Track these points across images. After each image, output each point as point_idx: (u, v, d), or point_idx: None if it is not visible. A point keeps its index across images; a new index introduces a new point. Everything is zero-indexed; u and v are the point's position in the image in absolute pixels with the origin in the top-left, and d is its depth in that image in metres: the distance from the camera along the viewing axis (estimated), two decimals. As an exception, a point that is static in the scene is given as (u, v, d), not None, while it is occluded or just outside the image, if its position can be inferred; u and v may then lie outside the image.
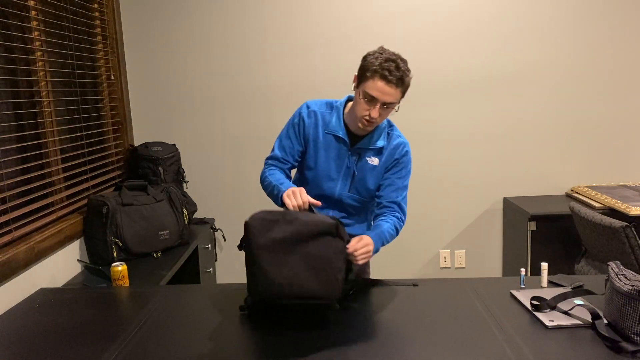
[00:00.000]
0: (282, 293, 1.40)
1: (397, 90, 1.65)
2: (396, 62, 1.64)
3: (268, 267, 1.40)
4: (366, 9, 3.18)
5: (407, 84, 1.68)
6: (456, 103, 3.28)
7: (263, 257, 1.40)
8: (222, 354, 1.38)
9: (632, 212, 2.71)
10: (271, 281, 1.39)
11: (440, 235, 3.44)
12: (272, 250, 1.41)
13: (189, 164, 3.34)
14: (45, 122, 2.39)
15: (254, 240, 1.42)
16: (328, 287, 1.42)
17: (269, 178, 1.79)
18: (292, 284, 1.39)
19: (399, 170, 1.83)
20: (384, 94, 1.64)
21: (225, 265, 3.48)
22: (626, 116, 3.27)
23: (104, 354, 1.41)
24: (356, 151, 1.81)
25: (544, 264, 1.72)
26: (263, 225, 1.43)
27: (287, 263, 1.40)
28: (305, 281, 1.40)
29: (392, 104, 1.68)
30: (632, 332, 1.32)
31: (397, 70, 1.63)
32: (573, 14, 3.17)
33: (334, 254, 1.44)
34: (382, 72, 1.63)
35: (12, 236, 2.04)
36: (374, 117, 1.67)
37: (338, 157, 1.82)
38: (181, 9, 3.20)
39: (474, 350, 1.35)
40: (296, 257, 1.41)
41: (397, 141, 1.84)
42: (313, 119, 1.83)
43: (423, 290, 1.75)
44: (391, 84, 1.63)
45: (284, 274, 1.39)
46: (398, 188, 1.83)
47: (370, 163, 1.82)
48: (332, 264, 1.43)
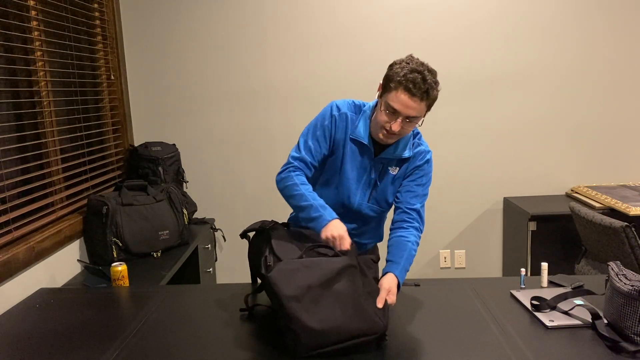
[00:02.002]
0: (328, 340, 1.30)
1: (422, 104, 1.54)
2: (423, 73, 1.53)
3: (304, 316, 1.30)
4: (367, 8, 3.18)
5: (433, 98, 1.56)
6: (456, 103, 3.28)
7: (295, 308, 1.30)
8: (222, 354, 1.38)
9: (632, 212, 2.70)
10: (313, 331, 1.29)
11: (440, 235, 3.44)
12: (302, 299, 1.32)
13: (189, 164, 3.34)
14: (45, 122, 2.39)
15: (280, 293, 1.32)
16: (371, 321, 1.34)
17: (301, 189, 1.62)
18: (337, 327, 1.30)
19: (419, 177, 1.73)
20: (407, 108, 1.54)
21: (225, 265, 3.48)
22: (626, 116, 3.27)
23: (104, 354, 1.41)
24: (380, 161, 1.71)
25: (544, 264, 1.72)
26: (285, 276, 1.35)
27: (322, 308, 1.32)
28: (348, 321, 1.32)
29: (415, 118, 1.57)
30: (632, 332, 1.32)
31: (424, 83, 1.52)
32: (573, 15, 3.17)
33: (363, 291, 1.38)
34: (406, 84, 1.52)
35: (12, 236, 2.04)
36: (395, 130, 1.57)
37: (361, 166, 1.72)
38: (181, 9, 3.20)
39: (474, 350, 1.35)
40: (330, 300, 1.33)
41: (419, 149, 1.74)
42: (344, 122, 1.70)
43: (423, 290, 1.75)
44: (415, 98, 1.52)
45: (324, 318, 1.31)
46: (417, 195, 1.72)
47: (392, 173, 1.74)
48: (365, 299, 1.37)
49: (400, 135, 1.62)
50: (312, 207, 1.57)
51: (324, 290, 1.34)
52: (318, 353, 1.32)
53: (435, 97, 1.57)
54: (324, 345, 1.31)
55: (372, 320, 1.34)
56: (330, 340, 1.31)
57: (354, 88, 3.25)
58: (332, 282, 1.36)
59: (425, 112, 1.59)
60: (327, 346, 1.31)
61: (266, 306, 1.65)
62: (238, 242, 3.44)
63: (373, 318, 1.34)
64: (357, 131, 1.69)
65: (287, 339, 1.35)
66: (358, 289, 1.38)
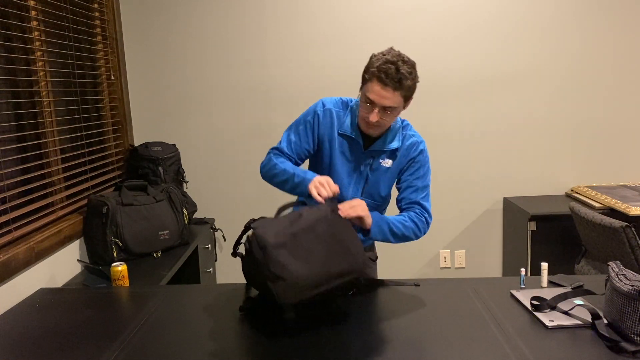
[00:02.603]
0: (317, 282, 1.34)
1: (396, 93, 1.57)
2: (396, 64, 1.55)
3: (292, 262, 1.32)
4: (367, 8, 3.18)
5: (407, 87, 1.59)
6: (456, 103, 3.28)
7: (283, 255, 1.34)
8: (222, 354, 1.38)
9: (632, 212, 2.70)
10: (301, 275, 1.32)
11: (440, 235, 3.44)
12: (288, 246, 1.36)
13: (189, 164, 3.34)
14: (45, 122, 2.39)
15: (267, 243, 1.35)
16: (353, 260, 1.40)
17: (281, 166, 1.68)
18: (323, 269, 1.35)
19: (416, 170, 1.74)
20: (382, 98, 1.58)
21: (225, 265, 3.48)
22: (626, 116, 3.27)
23: (104, 354, 1.41)
24: (370, 154, 1.74)
25: (544, 264, 1.72)
26: (268, 228, 1.39)
27: (307, 252, 1.36)
28: (333, 261, 1.37)
29: (392, 109, 1.60)
30: (632, 332, 1.32)
31: (396, 73, 1.55)
32: (573, 15, 3.17)
33: (344, 230, 1.44)
34: (379, 75, 1.56)
35: (12, 236, 2.04)
36: (373, 121, 1.61)
37: (352, 160, 1.75)
38: (181, 9, 3.20)
39: (474, 350, 1.35)
40: (314, 244, 1.38)
41: (411, 141, 1.75)
42: (329, 118, 1.75)
43: (423, 290, 1.75)
44: (388, 88, 1.56)
45: (310, 261, 1.35)
46: (417, 189, 1.73)
47: (384, 165, 1.75)
48: (349, 238, 1.42)
49: (382, 126, 1.65)
50: (295, 175, 1.63)
51: (307, 235, 1.39)
52: (307, 298, 1.35)
53: (410, 87, 1.60)
54: (312, 287, 1.34)
55: (354, 259, 1.40)
56: (318, 282, 1.34)
57: (355, 88, 3.24)
58: (315, 227, 1.40)
59: (403, 103, 1.62)
60: (315, 288, 1.34)
61: (265, 305, 1.65)
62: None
63: (356, 257, 1.41)
64: (344, 126, 1.73)
65: (277, 288, 1.34)
66: (339, 231, 1.42)
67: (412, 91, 1.62)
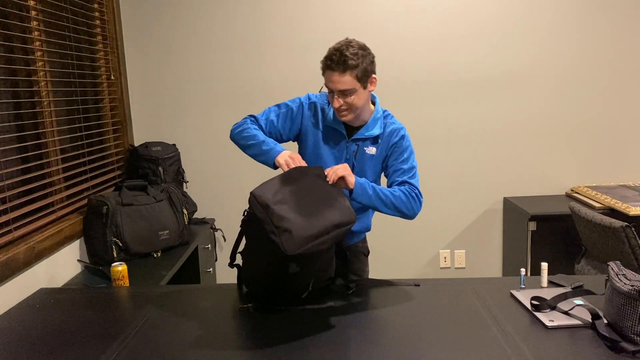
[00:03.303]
0: (316, 231, 1.42)
1: (345, 75, 1.64)
2: (340, 49, 1.65)
3: (293, 214, 1.42)
4: (367, 8, 3.18)
5: (354, 67, 1.64)
6: (456, 103, 3.28)
7: (284, 209, 1.43)
8: (222, 354, 1.38)
9: (632, 212, 2.70)
10: (302, 225, 1.41)
11: (440, 235, 3.44)
12: (287, 202, 1.46)
13: (189, 164, 3.34)
14: (45, 122, 2.39)
15: (268, 202, 1.44)
16: (347, 211, 1.50)
17: (253, 131, 1.79)
18: (322, 218, 1.44)
19: (399, 155, 1.81)
20: (334, 82, 1.67)
21: (225, 265, 3.47)
22: (626, 116, 3.27)
23: (104, 354, 1.41)
24: (354, 142, 1.82)
25: (544, 264, 1.72)
26: (265, 189, 1.49)
27: (306, 205, 1.46)
28: (329, 212, 1.47)
29: (349, 90, 1.67)
30: (632, 332, 1.32)
31: (340, 56, 1.63)
32: (573, 14, 3.17)
33: (332, 187, 1.58)
34: (326, 62, 1.68)
35: (12, 236, 2.04)
36: (336, 106, 1.70)
37: (337, 149, 1.83)
38: (181, 9, 3.20)
39: (474, 350, 1.35)
40: (310, 198, 1.50)
41: (391, 128, 1.83)
42: (313, 111, 1.85)
43: (423, 290, 1.75)
44: (335, 71, 1.65)
45: (309, 212, 1.44)
46: (404, 171, 1.80)
47: (368, 153, 1.83)
48: (338, 193, 1.55)
49: (351, 110, 1.72)
50: (264, 142, 1.74)
51: (302, 191, 1.50)
52: (309, 248, 1.41)
53: (357, 67, 1.65)
54: (314, 237, 1.41)
55: (347, 211, 1.50)
56: (319, 233, 1.42)
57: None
58: (308, 185, 1.53)
59: (360, 84, 1.68)
60: (315, 239, 1.42)
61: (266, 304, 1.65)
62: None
63: (348, 209, 1.51)
64: (328, 118, 1.83)
65: (282, 239, 1.40)
66: (328, 188, 1.56)
67: (364, 70, 1.68)
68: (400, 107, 3.30)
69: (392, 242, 3.42)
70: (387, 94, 3.26)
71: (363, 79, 1.69)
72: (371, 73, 1.72)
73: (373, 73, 1.74)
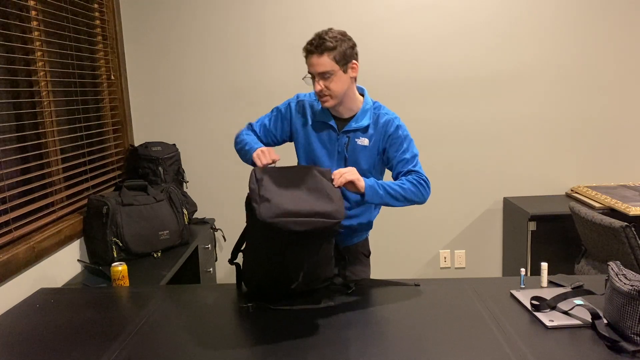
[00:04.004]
0: (299, 213, 1.46)
1: (323, 56, 1.69)
2: (320, 34, 1.70)
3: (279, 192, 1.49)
4: (366, 8, 3.18)
5: (332, 48, 1.69)
6: (456, 103, 3.28)
7: (272, 185, 1.53)
8: (222, 354, 1.38)
9: (632, 212, 2.70)
10: (285, 201, 1.47)
11: (440, 235, 3.44)
12: (280, 183, 1.54)
13: (189, 164, 3.34)
14: (45, 122, 2.39)
15: (263, 177, 1.54)
16: (338, 208, 1.51)
17: (244, 136, 1.89)
18: (309, 205, 1.49)
19: (399, 145, 1.82)
20: (313, 66, 1.71)
21: (225, 265, 3.47)
22: (626, 116, 3.27)
23: (104, 354, 1.41)
24: (345, 134, 1.84)
25: (544, 264, 1.72)
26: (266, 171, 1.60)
27: (298, 190, 1.54)
28: (319, 202, 1.51)
29: (328, 73, 1.70)
30: (632, 332, 1.32)
31: (318, 39, 1.69)
32: (573, 14, 3.17)
33: (327, 184, 1.60)
34: (305, 47, 1.72)
35: (12, 236, 2.04)
36: (317, 90, 1.73)
37: (329, 143, 1.86)
38: (181, 10, 3.20)
39: (474, 350, 1.35)
40: (303, 188, 1.55)
41: (385, 119, 1.84)
42: (301, 110, 1.89)
43: (423, 290, 1.75)
44: (314, 54, 1.70)
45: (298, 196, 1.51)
46: (407, 160, 1.81)
47: (360, 144, 1.83)
48: (334, 192, 1.57)
49: (333, 95, 1.74)
50: (247, 143, 1.84)
51: (300, 180, 1.57)
52: (284, 223, 1.45)
53: (335, 49, 1.69)
54: (292, 214, 1.45)
55: (335, 206, 1.51)
56: (297, 211, 1.46)
57: (354, 88, 3.25)
58: (308, 178, 1.59)
59: (340, 67, 1.71)
60: (292, 215, 1.45)
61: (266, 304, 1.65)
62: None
63: (337, 206, 1.52)
64: (317, 114, 1.87)
65: (260, 207, 1.47)
66: (329, 187, 1.59)
67: (343, 54, 1.71)
68: (400, 107, 3.29)
69: (392, 242, 3.43)
70: (387, 94, 3.27)
71: (342, 62, 1.72)
72: (351, 58, 1.74)
73: (354, 59, 1.76)
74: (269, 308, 1.63)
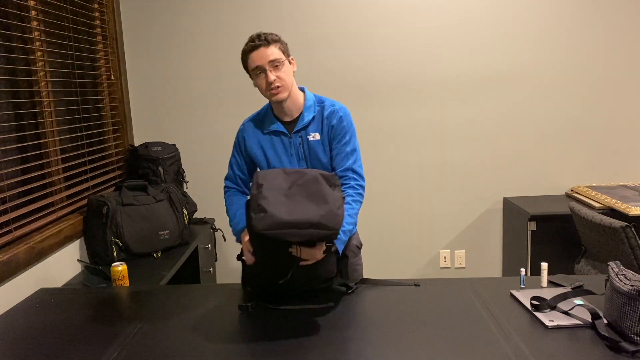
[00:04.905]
0: (294, 225, 1.45)
1: (270, 47, 1.77)
2: (256, 34, 1.79)
3: (276, 202, 1.48)
4: (366, 8, 3.18)
5: (277, 40, 1.80)
6: (456, 103, 3.28)
7: (271, 196, 1.51)
8: (221, 354, 1.38)
9: (632, 212, 2.70)
10: (280, 213, 1.46)
11: (440, 235, 3.44)
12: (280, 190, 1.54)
13: (189, 164, 3.34)
14: (45, 122, 2.39)
15: (264, 182, 1.55)
16: (331, 217, 1.49)
17: (227, 206, 1.96)
18: (305, 215, 1.47)
19: (341, 137, 1.87)
20: (263, 57, 1.76)
21: (225, 265, 3.48)
22: (626, 116, 3.27)
23: (104, 354, 1.41)
24: (296, 135, 1.88)
25: (544, 264, 1.72)
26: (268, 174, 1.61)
27: (296, 199, 1.52)
28: (316, 212, 1.48)
29: (278, 61, 1.77)
30: (632, 332, 1.32)
31: (258, 36, 1.77)
32: (573, 14, 3.17)
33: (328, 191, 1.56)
34: (247, 47, 1.78)
35: (12, 236, 2.04)
36: (272, 80, 1.77)
37: (284, 148, 1.89)
38: (181, 10, 3.20)
39: (474, 350, 1.35)
40: (302, 195, 1.54)
41: (330, 110, 1.88)
42: (249, 131, 1.94)
43: (423, 290, 1.75)
44: (260, 48, 1.76)
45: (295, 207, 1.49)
46: (346, 154, 1.87)
47: (313, 139, 1.88)
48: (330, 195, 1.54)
49: (284, 84, 1.79)
50: (231, 218, 1.93)
51: (300, 185, 1.56)
52: (276, 232, 1.45)
53: (279, 40, 1.81)
54: (285, 224, 1.45)
55: (333, 218, 1.49)
56: (292, 222, 1.45)
57: (355, 87, 3.25)
58: (309, 181, 1.56)
59: (284, 55, 1.80)
60: (287, 227, 1.45)
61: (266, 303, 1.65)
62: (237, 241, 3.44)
63: (335, 217, 1.50)
64: (265, 126, 1.92)
65: (256, 217, 1.47)
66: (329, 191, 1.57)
67: (286, 46, 1.83)
68: (400, 107, 3.31)
69: (392, 243, 3.43)
70: (387, 94, 3.27)
71: (286, 53, 1.82)
72: (289, 53, 1.85)
73: (290, 55, 1.86)
74: (268, 308, 1.63)
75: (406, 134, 3.29)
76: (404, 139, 3.30)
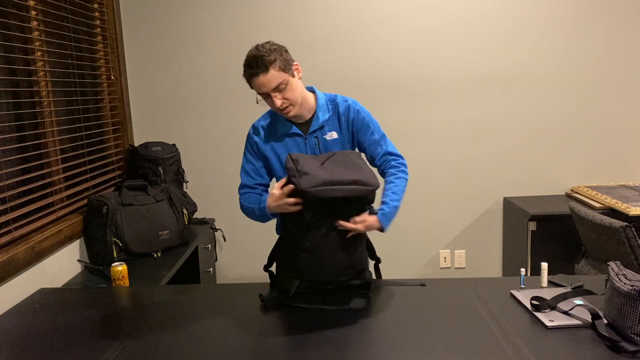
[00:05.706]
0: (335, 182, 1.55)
1: (270, 72, 1.69)
2: (253, 54, 1.71)
3: (315, 166, 1.59)
4: (366, 8, 3.18)
5: (272, 61, 1.70)
6: (456, 103, 3.28)
7: (308, 162, 1.63)
8: (221, 354, 1.38)
9: (632, 212, 2.70)
10: (322, 173, 1.56)
11: (440, 235, 3.44)
12: (317, 162, 1.63)
13: (189, 164, 3.34)
14: (45, 122, 2.39)
15: (299, 156, 1.65)
16: (370, 176, 1.61)
17: (246, 206, 1.84)
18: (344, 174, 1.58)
19: (365, 128, 1.87)
20: (265, 85, 1.70)
21: (225, 265, 3.48)
22: (626, 116, 3.27)
23: (104, 354, 1.41)
24: (312, 136, 1.85)
25: (544, 264, 1.72)
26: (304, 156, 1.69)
27: (332, 165, 1.63)
28: (353, 173, 1.60)
29: (282, 84, 1.71)
30: (632, 332, 1.32)
31: (255, 61, 1.70)
32: (573, 14, 3.17)
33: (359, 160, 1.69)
34: (247, 72, 1.72)
35: (12, 236, 2.04)
36: (279, 105, 1.73)
37: (299, 149, 1.87)
38: (181, 10, 3.20)
39: (474, 350, 1.35)
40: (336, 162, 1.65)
41: (344, 106, 1.87)
42: (262, 134, 1.87)
43: (423, 290, 1.75)
44: (260, 75, 1.69)
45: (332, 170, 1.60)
46: (378, 142, 1.88)
47: (330, 139, 1.85)
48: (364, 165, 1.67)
49: (292, 103, 1.75)
50: (254, 209, 1.79)
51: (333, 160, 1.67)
52: (323, 188, 1.54)
53: (275, 60, 1.71)
54: (328, 182, 1.55)
55: (371, 176, 1.62)
56: (335, 180, 1.56)
57: (355, 87, 3.25)
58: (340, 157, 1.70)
59: (287, 74, 1.73)
60: (331, 184, 1.55)
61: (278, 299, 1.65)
62: (238, 242, 3.44)
63: (370, 176, 1.62)
64: (278, 129, 1.86)
65: (299, 178, 1.56)
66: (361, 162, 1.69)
67: (284, 61, 1.73)
68: (400, 107, 3.31)
69: (392, 242, 3.43)
70: (387, 94, 3.27)
71: (287, 69, 1.74)
72: (291, 61, 1.76)
73: (293, 61, 1.78)
74: (283, 304, 1.65)
75: (406, 134, 3.29)
76: (404, 139, 3.30)
